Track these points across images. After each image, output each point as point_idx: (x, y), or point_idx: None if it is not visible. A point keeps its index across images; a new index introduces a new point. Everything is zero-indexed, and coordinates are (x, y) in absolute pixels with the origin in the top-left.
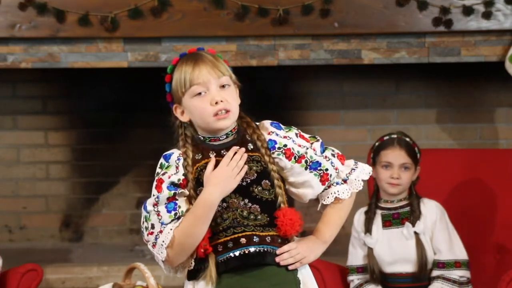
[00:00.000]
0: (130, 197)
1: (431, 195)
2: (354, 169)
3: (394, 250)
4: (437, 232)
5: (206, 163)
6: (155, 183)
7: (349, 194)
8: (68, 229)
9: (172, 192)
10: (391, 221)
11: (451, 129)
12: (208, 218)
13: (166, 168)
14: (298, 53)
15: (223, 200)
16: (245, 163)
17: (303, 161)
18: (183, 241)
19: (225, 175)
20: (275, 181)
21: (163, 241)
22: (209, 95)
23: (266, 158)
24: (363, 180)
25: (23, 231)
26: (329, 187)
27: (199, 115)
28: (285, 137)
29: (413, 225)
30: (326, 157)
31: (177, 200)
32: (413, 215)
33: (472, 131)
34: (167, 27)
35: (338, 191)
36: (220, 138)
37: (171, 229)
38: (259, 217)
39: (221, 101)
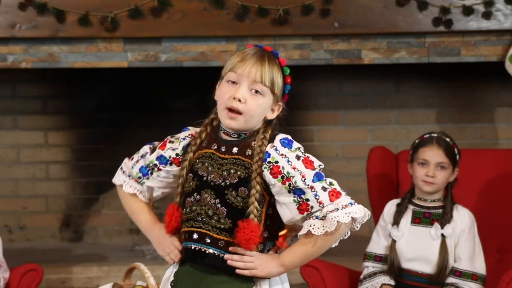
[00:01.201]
0: None
1: None
2: (338, 209)
3: (417, 248)
4: (463, 241)
5: (205, 153)
6: (165, 139)
7: (322, 231)
8: (68, 229)
9: (156, 162)
10: (421, 218)
11: (451, 129)
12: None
13: (177, 139)
14: (298, 53)
15: (198, 193)
16: (231, 166)
17: (287, 183)
18: (120, 199)
19: (162, 244)
20: (253, 191)
21: (117, 176)
22: (236, 89)
23: (254, 167)
24: (339, 222)
25: (23, 231)
26: (309, 218)
27: (220, 101)
28: (282, 154)
29: (442, 228)
30: (312, 187)
31: (155, 172)
32: (444, 218)
33: (472, 131)
34: (167, 27)
35: (313, 225)
36: (232, 135)
37: (124, 182)
38: (222, 220)
39: (239, 100)
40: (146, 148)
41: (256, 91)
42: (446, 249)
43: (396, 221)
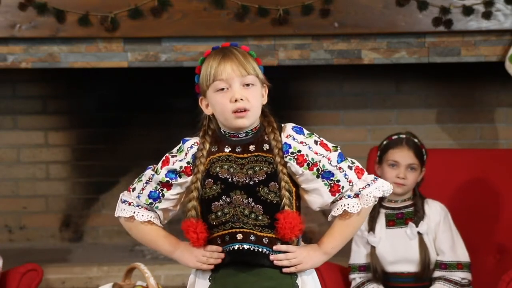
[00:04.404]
0: None
1: (431, 195)
2: (369, 184)
3: (397, 249)
4: (440, 233)
5: (220, 156)
6: (163, 158)
7: (359, 208)
8: (68, 229)
9: (167, 179)
10: (394, 220)
11: (451, 129)
12: (151, 247)
13: (179, 151)
14: (298, 53)
15: (227, 195)
16: (254, 164)
17: (315, 169)
18: (128, 231)
19: (195, 256)
20: (282, 183)
21: (121, 210)
22: (230, 92)
23: (278, 160)
24: (375, 197)
25: (23, 231)
26: (340, 199)
27: (220, 111)
28: (301, 142)
29: (417, 226)
30: (340, 168)
31: (166, 193)
32: (417, 216)
33: (472, 131)
34: (167, 27)
35: (347, 204)
36: (240, 136)
37: (134, 213)
38: (260, 217)
39: (241, 99)
40: (148, 174)
41: (248, 84)
42: (426, 246)
43: (371, 227)
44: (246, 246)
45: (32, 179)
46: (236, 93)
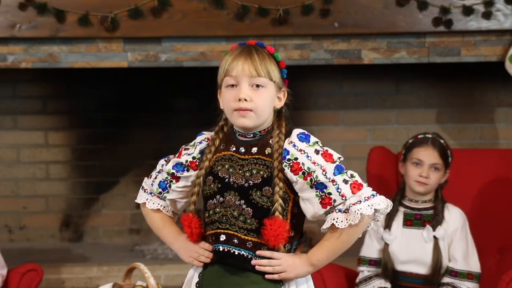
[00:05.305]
0: (130, 197)
1: None
2: (361, 201)
3: (411, 250)
4: (456, 240)
5: (224, 155)
6: (180, 149)
7: (346, 224)
8: (68, 229)
9: (173, 171)
10: (412, 221)
11: (451, 129)
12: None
13: (193, 144)
14: (298, 53)
15: (221, 195)
16: (252, 166)
17: (309, 178)
18: (144, 217)
19: (189, 251)
20: (276, 188)
21: (139, 196)
22: (238, 90)
23: (276, 164)
24: (363, 215)
25: (23, 231)
26: (331, 212)
27: (226, 107)
28: (300, 150)
29: (434, 229)
30: (333, 181)
31: (173, 184)
32: (436, 219)
33: (472, 131)
34: (167, 27)
35: (336, 219)
36: (247, 136)
37: (146, 200)
38: (248, 220)
39: (245, 99)
40: (161, 163)
41: (257, 86)
42: (440, 251)
43: (387, 224)
44: (226, 249)
45: (32, 179)
46: (241, 92)
